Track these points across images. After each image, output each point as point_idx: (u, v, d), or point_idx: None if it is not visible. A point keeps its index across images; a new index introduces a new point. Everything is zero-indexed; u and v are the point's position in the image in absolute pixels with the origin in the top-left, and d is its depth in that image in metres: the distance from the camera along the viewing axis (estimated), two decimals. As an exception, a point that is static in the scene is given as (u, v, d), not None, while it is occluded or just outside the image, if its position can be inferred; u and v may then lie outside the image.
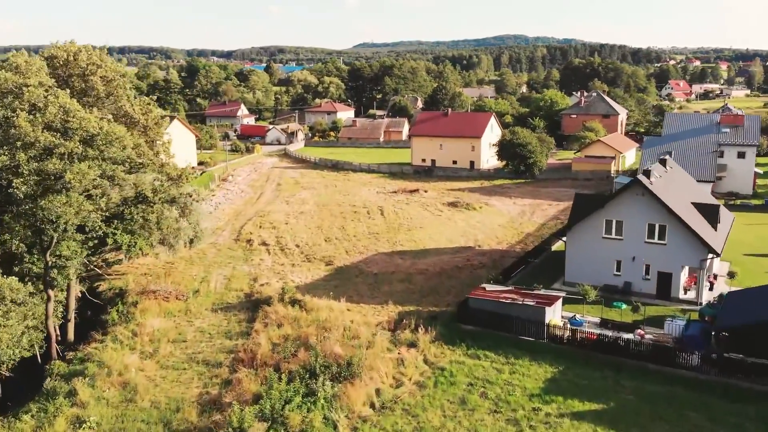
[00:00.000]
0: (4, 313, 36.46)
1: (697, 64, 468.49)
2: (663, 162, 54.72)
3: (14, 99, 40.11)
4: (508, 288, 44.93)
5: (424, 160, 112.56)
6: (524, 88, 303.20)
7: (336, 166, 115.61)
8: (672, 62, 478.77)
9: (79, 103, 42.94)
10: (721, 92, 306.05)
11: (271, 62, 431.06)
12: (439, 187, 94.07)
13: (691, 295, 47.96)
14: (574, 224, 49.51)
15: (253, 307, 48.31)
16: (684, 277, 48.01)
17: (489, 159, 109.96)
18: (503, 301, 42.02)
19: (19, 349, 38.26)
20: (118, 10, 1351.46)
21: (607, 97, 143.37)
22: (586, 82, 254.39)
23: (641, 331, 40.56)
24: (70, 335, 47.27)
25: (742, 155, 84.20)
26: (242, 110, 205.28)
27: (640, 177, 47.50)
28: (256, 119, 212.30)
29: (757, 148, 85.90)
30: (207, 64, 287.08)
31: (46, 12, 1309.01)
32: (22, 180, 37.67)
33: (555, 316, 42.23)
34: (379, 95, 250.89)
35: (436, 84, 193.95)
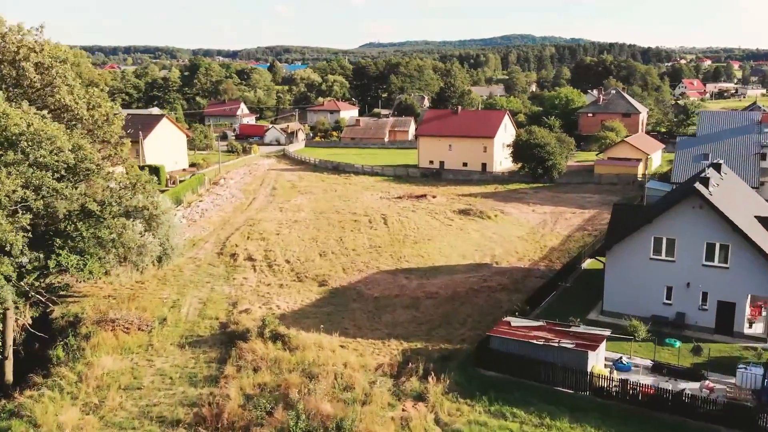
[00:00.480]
0: None
1: (708, 63, 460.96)
2: (717, 167, 46.13)
3: None
4: (539, 323, 36.51)
5: (431, 162, 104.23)
6: (534, 87, 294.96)
7: (337, 169, 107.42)
8: (682, 61, 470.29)
9: (9, 95, 34.93)
10: (736, 91, 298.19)
11: (275, 61, 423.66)
12: (449, 192, 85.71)
13: (757, 329, 39.53)
14: (615, 242, 41.11)
15: (227, 341, 40.06)
16: (747, 308, 39.62)
17: (502, 161, 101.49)
18: (535, 342, 33.64)
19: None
20: (122, 11, 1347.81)
21: (627, 95, 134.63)
22: (597, 81, 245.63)
23: (710, 384, 32.12)
24: (8, 376, 39.14)
25: (787, 158, 75.56)
26: (242, 109, 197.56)
27: (698, 186, 39.00)
28: (257, 119, 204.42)
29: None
30: (208, 63, 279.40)
31: (47, 12, 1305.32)
32: None
33: (599, 361, 33.86)
34: (385, 94, 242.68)
35: (444, 82, 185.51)
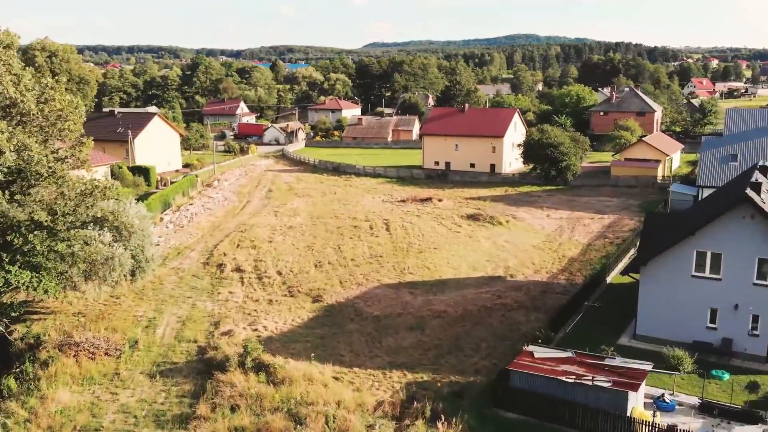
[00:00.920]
0: None
1: (716, 63, 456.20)
2: (764, 170, 40.69)
3: None
4: (566, 354, 31.11)
5: (437, 163, 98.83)
6: (540, 86, 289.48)
7: (337, 170, 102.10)
8: (690, 61, 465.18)
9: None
10: (746, 91, 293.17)
11: (277, 60, 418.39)
12: (456, 195, 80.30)
13: (816, 358, 34.14)
14: (652, 257, 35.69)
15: (204, 370, 34.78)
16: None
17: (512, 162, 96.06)
18: (563, 379, 28.27)
19: None
20: (126, 11, 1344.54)
21: (641, 93, 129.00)
22: (605, 80, 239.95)
23: (775, 431, 26.77)
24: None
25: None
26: (242, 108, 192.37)
27: (749, 192, 33.59)
28: (257, 118, 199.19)
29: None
30: (208, 61, 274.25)
31: (50, 12, 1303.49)
32: None
33: (639, 400, 28.49)
34: (388, 93, 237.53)
35: (448, 81, 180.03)
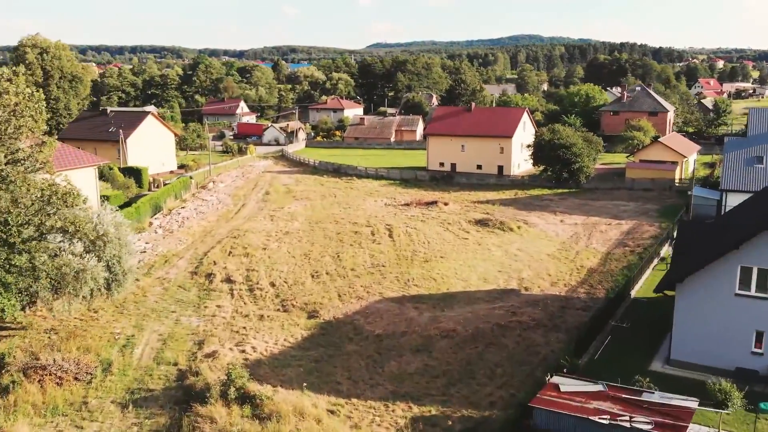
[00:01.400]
0: None
1: (721, 63, 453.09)
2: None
3: None
4: (597, 387, 26.97)
5: (442, 165, 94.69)
6: (545, 86, 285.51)
7: (338, 171, 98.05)
8: (695, 61, 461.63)
9: None
10: (754, 91, 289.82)
11: (279, 60, 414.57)
12: (462, 199, 76.18)
13: None
14: (690, 273, 31.51)
15: (183, 399, 30.74)
16: None
17: (521, 163, 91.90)
18: (596, 420, 24.15)
19: None
20: (129, 11, 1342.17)
21: (653, 93, 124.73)
22: (612, 79, 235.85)
23: None
24: None
25: None
26: (242, 108, 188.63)
27: (803, 200, 29.43)
28: (258, 117, 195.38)
29: None
30: (209, 61, 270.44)
31: (53, 12, 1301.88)
32: None
33: (685, 445, 24.35)
34: (391, 92, 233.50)
35: (453, 80, 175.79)
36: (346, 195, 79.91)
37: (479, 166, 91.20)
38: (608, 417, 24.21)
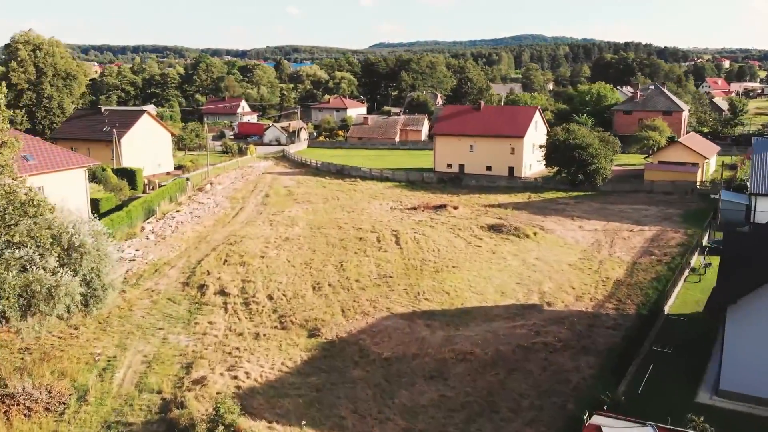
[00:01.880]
0: None
1: (727, 63, 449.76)
2: None
3: None
4: (646, 429, 23.03)
5: (449, 166, 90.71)
6: (551, 85, 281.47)
7: (341, 172, 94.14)
8: (701, 61, 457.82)
9: None
10: (763, 91, 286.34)
11: (281, 59, 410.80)
12: (472, 202, 72.21)
13: None
14: (742, 294, 27.54)
15: (166, 436, 26.97)
16: None
17: (532, 164, 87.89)
18: (652, 475, 20.22)
19: None
20: (132, 11, 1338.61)
21: (667, 91, 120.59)
22: (618, 79, 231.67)
23: None
24: None
25: None
26: (243, 107, 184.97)
27: None
28: (259, 117, 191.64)
29: None
30: (210, 60, 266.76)
31: (56, 12, 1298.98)
32: None
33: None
34: (395, 92, 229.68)
35: (457, 80, 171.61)
36: (350, 198, 76.05)
37: (489, 168, 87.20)
38: (665, 471, 20.29)
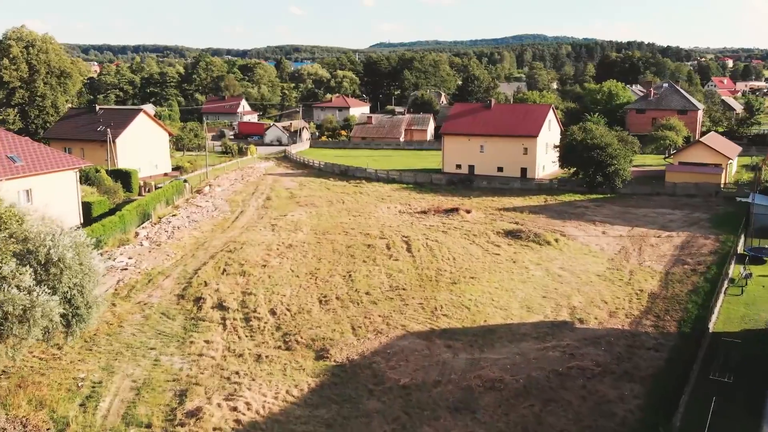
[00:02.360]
0: None
1: (731, 62, 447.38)
2: None
3: None
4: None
5: (458, 167, 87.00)
6: (555, 84, 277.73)
7: (345, 174, 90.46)
8: (704, 60, 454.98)
9: None
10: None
11: (282, 58, 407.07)
12: (485, 205, 68.52)
13: None
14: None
15: (153, 484, 23.29)
16: None
17: (545, 165, 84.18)
18: None
19: None
20: (133, 11, 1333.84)
21: (682, 90, 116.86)
22: (623, 78, 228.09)
23: None
24: None
25: None
26: (243, 106, 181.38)
27: None
28: (260, 116, 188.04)
29: None
30: (210, 58, 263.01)
31: (57, 11, 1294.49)
32: None
33: None
34: (398, 91, 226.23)
35: (462, 78, 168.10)
36: (356, 201, 72.37)
37: (500, 169, 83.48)
38: None
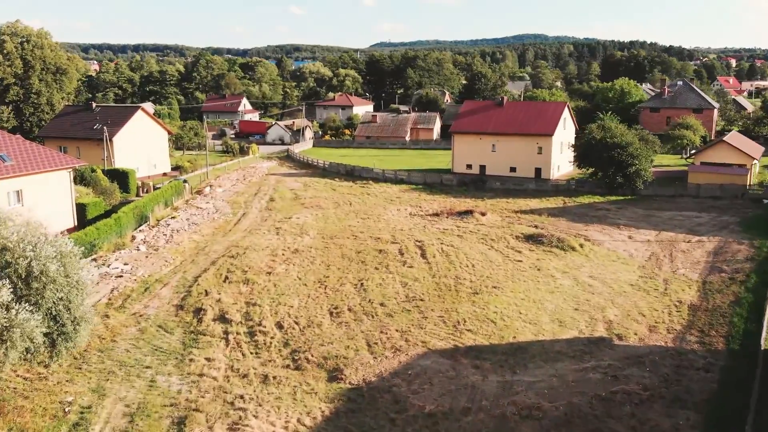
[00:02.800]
0: None
1: (734, 62, 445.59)
2: None
3: None
4: None
5: (469, 167, 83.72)
6: (559, 83, 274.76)
7: (351, 174, 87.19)
8: (707, 59, 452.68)
9: None
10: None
11: (283, 57, 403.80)
12: (500, 207, 65.26)
13: None
14: None
15: None
16: None
17: (560, 165, 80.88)
18: None
19: None
20: (134, 10, 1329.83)
21: (697, 88, 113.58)
22: (630, 77, 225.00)
23: None
24: None
25: None
26: (244, 105, 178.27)
27: None
28: (261, 115, 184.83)
29: None
30: (210, 57, 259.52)
31: (57, 11, 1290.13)
32: None
33: None
34: (401, 90, 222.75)
35: (470, 75, 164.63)
36: (363, 202, 69.12)
37: (513, 169, 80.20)
38: None
